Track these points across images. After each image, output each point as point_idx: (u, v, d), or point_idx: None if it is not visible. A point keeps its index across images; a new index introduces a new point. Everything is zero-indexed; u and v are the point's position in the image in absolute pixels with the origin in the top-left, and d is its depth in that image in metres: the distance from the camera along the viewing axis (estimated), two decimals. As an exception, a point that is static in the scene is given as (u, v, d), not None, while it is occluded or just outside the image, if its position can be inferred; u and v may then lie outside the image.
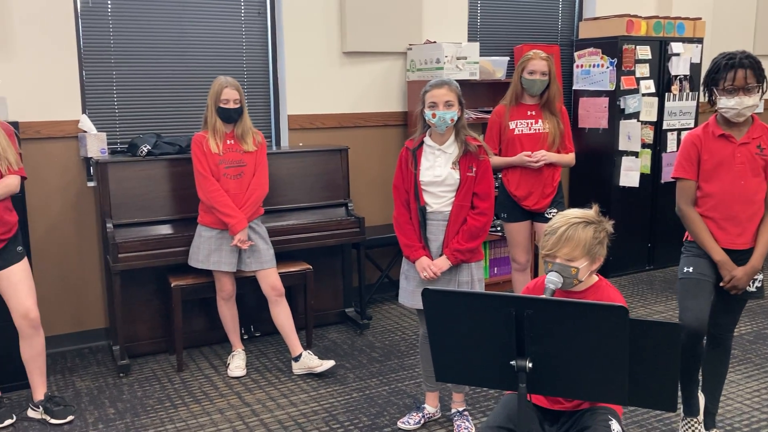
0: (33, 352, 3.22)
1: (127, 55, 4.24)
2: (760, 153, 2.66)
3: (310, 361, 3.71)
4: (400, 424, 3.15)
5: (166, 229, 3.88)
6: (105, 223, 3.77)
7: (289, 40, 4.58)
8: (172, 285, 3.77)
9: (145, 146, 3.90)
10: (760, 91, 2.63)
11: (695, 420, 2.86)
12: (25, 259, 3.19)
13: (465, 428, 3.06)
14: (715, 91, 2.66)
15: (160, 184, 3.91)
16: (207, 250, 3.65)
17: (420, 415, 3.17)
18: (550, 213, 3.84)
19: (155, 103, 4.36)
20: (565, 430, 2.18)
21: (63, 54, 3.97)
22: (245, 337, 4.07)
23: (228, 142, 3.62)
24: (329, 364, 3.69)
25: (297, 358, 3.74)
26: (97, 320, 4.22)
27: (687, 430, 2.88)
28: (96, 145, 3.94)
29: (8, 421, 3.22)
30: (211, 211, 3.61)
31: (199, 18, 4.41)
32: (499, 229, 5.02)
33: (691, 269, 2.74)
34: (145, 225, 3.85)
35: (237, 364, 3.79)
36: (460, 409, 3.16)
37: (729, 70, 2.61)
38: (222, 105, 3.57)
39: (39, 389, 3.27)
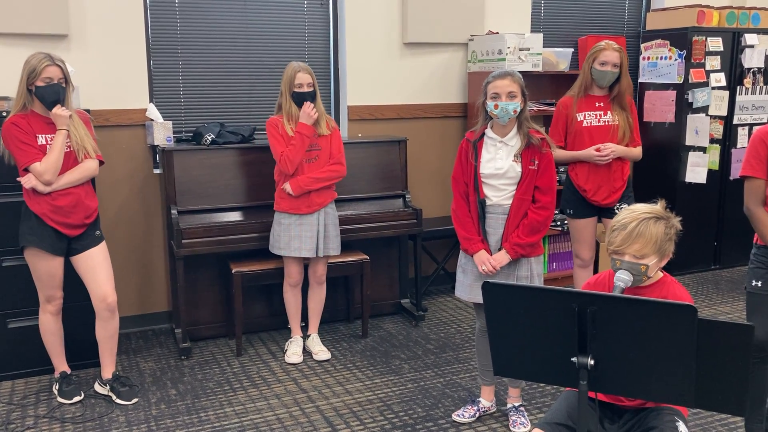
0: (107, 333, 3.35)
1: (192, 46, 4.33)
2: None
3: (314, 346, 3.87)
4: (455, 417, 3.15)
5: (228, 217, 3.96)
6: (170, 210, 3.88)
7: (350, 30, 4.60)
8: (233, 271, 3.85)
9: (210, 135, 3.99)
10: None
11: None
12: (104, 243, 3.31)
13: (521, 423, 3.03)
14: None
15: (223, 173, 3.99)
16: (287, 237, 3.71)
17: (475, 408, 3.16)
18: (620, 208, 3.75)
19: (219, 93, 4.45)
20: (627, 429, 2.14)
21: (132, 45, 4.09)
22: (303, 324, 4.12)
23: None
24: (327, 355, 3.84)
25: (307, 337, 3.93)
26: (160, 304, 4.35)
27: None
28: (162, 134, 4.06)
29: (77, 398, 3.35)
30: (288, 197, 3.66)
31: (262, 9, 4.47)
32: (558, 223, 4.95)
33: (759, 283, 2.64)
34: (208, 212, 3.94)
35: (294, 350, 3.85)
36: (516, 404, 3.14)
37: None
38: (296, 89, 3.61)
39: (108, 368, 3.40)
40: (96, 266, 3.25)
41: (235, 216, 3.98)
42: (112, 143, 4.09)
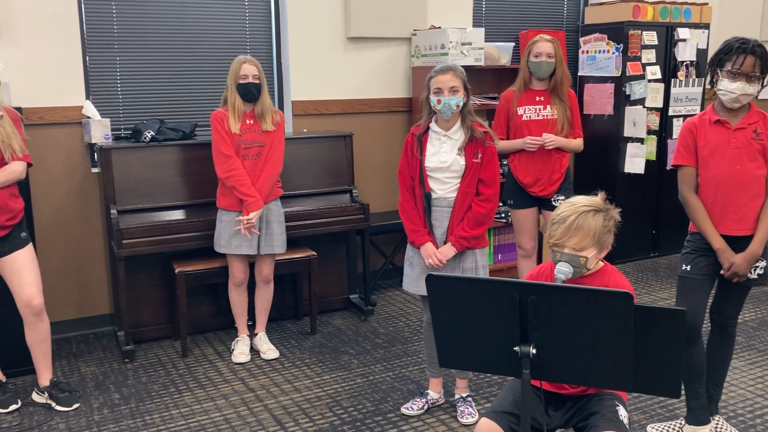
0: (37, 338, 3.23)
1: (130, 41, 4.22)
2: (756, 138, 2.64)
3: (262, 344, 3.85)
4: (403, 410, 3.16)
5: (170, 215, 3.88)
6: (109, 210, 3.77)
7: (293, 25, 4.56)
8: (176, 271, 3.78)
9: (149, 132, 3.90)
10: (761, 83, 2.62)
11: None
12: (30, 246, 3.19)
13: (468, 414, 3.07)
14: (719, 72, 2.65)
15: (164, 170, 3.90)
16: (228, 234, 3.65)
17: (423, 400, 3.18)
18: (558, 200, 3.83)
19: (159, 89, 4.35)
20: (570, 415, 2.18)
21: (66, 39, 3.96)
22: (250, 323, 4.07)
23: (247, 122, 3.61)
24: (275, 353, 3.80)
25: (254, 335, 3.91)
26: (102, 306, 4.24)
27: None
28: (100, 131, 3.94)
29: (13, 406, 3.23)
30: (228, 194, 3.61)
31: (202, 3, 4.38)
32: (503, 215, 5.02)
33: (689, 267, 2.76)
34: (149, 211, 3.84)
35: (241, 350, 3.80)
36: (464, 394, 3.17)
37: (740, 54, 2.59)
38: (241, 81, 3.56)
39: (44, 375, 3.29)
40: (22, 269, 3.13)
41: (177, 214, 3.90)
42: (48, 142, 3.96)
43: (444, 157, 2.96)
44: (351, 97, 4.79)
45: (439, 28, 4.68)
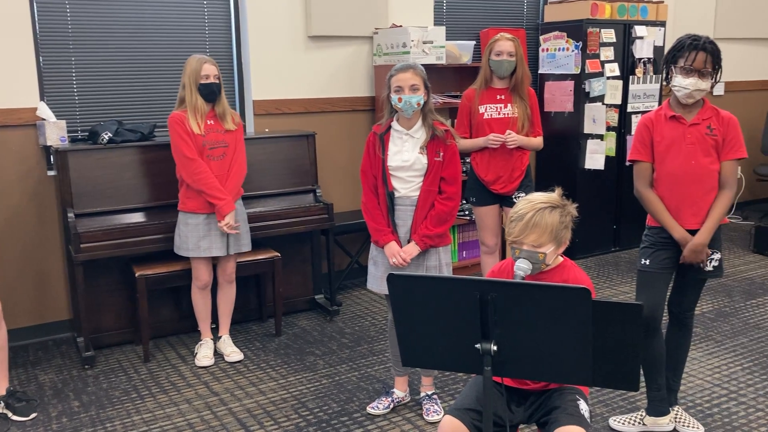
0: (-7, 346, 3.14)
1: (86, 40, 4.13)
2: (710, 133, 2.70)
3: (226, 347, 3.80)
4: (369, 410, 3.15)
5: (129, 218, 3.81)
6: (66, 213, 3.69)
7: (253, 24, 4.51)
8: (136, 275, 3.71)
9: (106, 134, 3.82)
10: (714, 78, 2.67)
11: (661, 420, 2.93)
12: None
13: (434, 411, 3.08)
14: (673, 69, 2.70)
15: (123, 172, 3.83)
16: (196, 237, 3.59)
17: (389, 399, 3.18)
18: (519, 197, 3.86)
19: (116, 90, 4.27)
20: (533, 411, 2.20)
21: (18, 39, 3.86)
22: (213, 326, 4.02)
23: (209, 122, 3.56)
24: (239, 356, 3.76)
25: (218, 338, 3.85)
26: (60, 312, 4.14)
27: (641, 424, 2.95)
28: (55, 133, 3.85)
29: (-31, 417, 3.15)
30: (195, 197, 3.55)
31: (160, 2, 4.31)
32: (467, 212, 5.04)
33: (648, 261, 2.81)
34: (107, 214, 3.77)
35: (205, 353, 3.75)
36: (429, 392, 3.18)
37: (691, 51, 2.64)
38: (203, 81, 3.50)
39: (1, 384, 3.20)
40: None
41: (137, 217, 3.83)
42: (1, 145, 3.85)
43: (406, 155, 2.97)
44: (313, 96, 4.77)
45: (401, 26, 4.69)
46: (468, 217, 5.06)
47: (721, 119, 2.73)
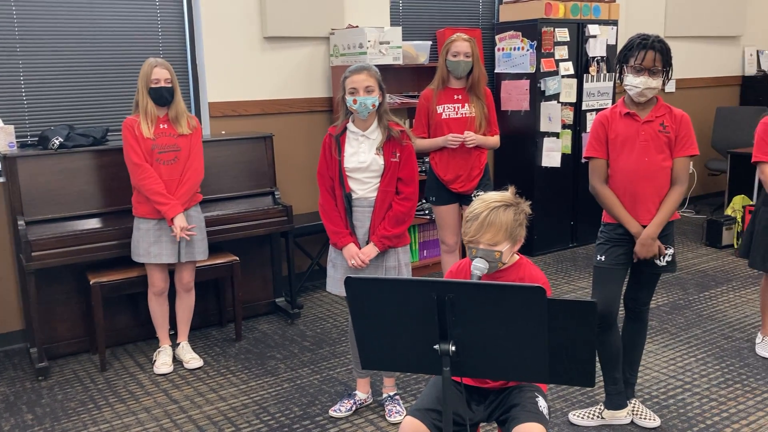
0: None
1: (34, 43, 4.02)
2: (663, 130, 2.76)
3: (185, 354, 3.75)
4: (331, 412, 3.14)
5: (83, 225, 3.72)
6: (16, 221, 3.59)
7: (207, 25, 4.46)
8: (91, 282, 3.63)
9: (57, 139, 3.73)
10: (665, 75, 2.73)
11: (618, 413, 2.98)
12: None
13: (396, 412, 3.08)
14: (624, 68, 2.75)
15: (75, 178, 3.74)
16: (147, 243, 3.53)
17: (351, 402, 3.17)
18: (477, 195, 3.88)
19: (67, 94, 4.16)
20: (492, 409, 2.22)
21: (-38, 42, 3.74)
22: (172, 332, 3.96)
23: (161, 126, 3.51)
24: (198, 362, 3.70)
25: (176, 345, 3.80)
26: (12, 322, 4.03)
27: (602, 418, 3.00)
28: (3, 139, 3.75)
29: None
30: (145, 201, 3.51)
31: (111, 3, 4.22)
32: (427, 212, 5.06)
33: (603, 258, 2.85)
34: (60, 221, 3.68)
35: (163, 360, 3.69)
36: (391, 393, 3.18)
37: (641, 50, 2.70)
38: (153, 85, 3.45)
39: (-51, 398, 3.10)
40: None
41: (91, 223, 3.75)
42: (-56, 151, 3.73)
43: (363, 157, 2.96)
44: (270, 97, 4.73)
45: (357, 27, 4.68)
46: (428, 217, 5.08)
47: (673, 117, 2.79)
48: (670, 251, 2.85)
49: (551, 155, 5.44)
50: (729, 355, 3.67)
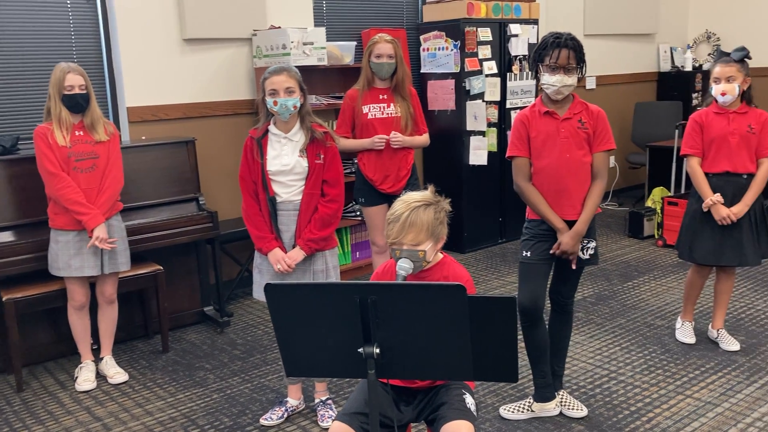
0: None
1: (-68, 47, 3.80)
2: (581, 127, 2.82)
3: (109, 369, 3.62)
4: (262, 421, 3.08)
5: (-7, 239, 3.53)
6: None
7: (123, 27, 4.30)
8: (3, 299, 3.45)
9: (-39, 148, 3.53)
10: (579, 72, 2.79)
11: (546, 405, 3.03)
12: None
13: (329, 417, 3.04)
14: (540, 67, 2.80)
15: (-17, 190, 3.55)
16: (67, 256, 3.37)
17: (283, 409, 3.12)
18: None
19: (-28, 101, 3.95)
20: (421, 408, 2.21)
21: None
22: (95, 347, 3.80)
23: (77, 133, 3.36)
24: (123, 377, 3.58)
25: (100, 360, 3.67)
26: None
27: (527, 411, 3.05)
28: None
29: None
30: (63, 212, 3.35)
31: (18, 5, 4.02)
32: (358, 213, 5.05)
33: (529, 253, 2.90)
34: (-33, 236, 3.48)
35: (86, 377, 3.54)
36: (324, 398, 3.14)
37: (555, 48, 2.75)
38: (67, 92, 3.30)
39: None
40: None
41: (3, 237, 3.56)
42: None
43: (286, 159, 2.91)
44: (192, 100, 4.61)
45: (279, 28, 4.62)
46: (359, 218, 5.06)
47: (590, 113, 2.85)
48: (592, 244, 2.91)
49: (478, 153, 5.51)
50: (651, 342, 3.79)
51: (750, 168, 3.41)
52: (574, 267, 2.87)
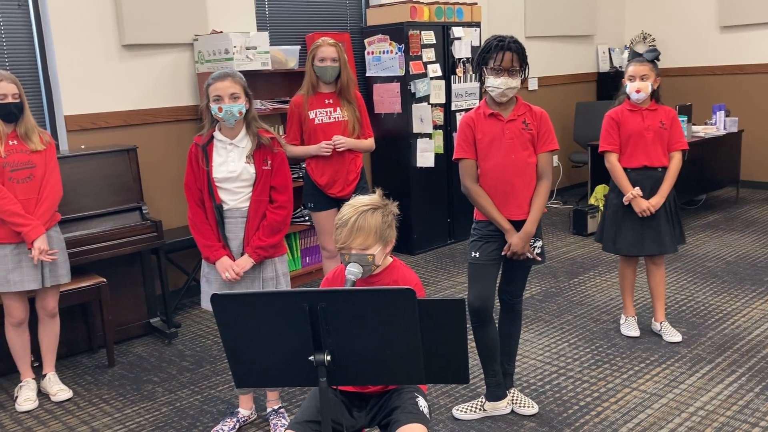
0: None
1: None
2: (525, 128, 2.87)
3: (52, 386, 3.51)
4: (214, 433, 3.03)
5: None
6: None
7: (58, 33, 4.17)
8: (-65, 318, 3.30)
9: None
10: (522, 74, 2.84)
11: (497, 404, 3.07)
12: None
13: (281, 426, 3.01)
14: (484, 70, 2.84)
15: None
16: (5, 270, 3.24)
17: (234, 420, 3.07)
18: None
19: None
20: (374, 414, 2.21)
21: None
22: (36, 364, 3.67)
23: (11, 142, 3.24)
24: (67, 394, 3.47)
25: (42, 377, 3.55)
26: None
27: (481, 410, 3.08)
28: None
29: None
30: (1, 225, 3.22)
31: (-57, 11, 3.87)
32: (307, 218, 5.01)
33: (477, 254, 2.93)
34: None
35: (26, 396, 3.41)
36: (276, 407, 3.11)
37: (498, 52, 2.78)
38: None
39: None
40: None
41: (-68, 253, 3.40)
42: None
43: (232, 166, 2.87)
44: (133, 107, 4.50)
45: (221, 32, 4.55)
46: (308, 223, 5.03)
47: (534, 114, 2.90)
48: (539, 244, 2.96)
49: (425, 156, 5.55)
50: (598, 337, 3.88)
51: (664, 161, 3.62)
52: (531, 256, 2.90)
